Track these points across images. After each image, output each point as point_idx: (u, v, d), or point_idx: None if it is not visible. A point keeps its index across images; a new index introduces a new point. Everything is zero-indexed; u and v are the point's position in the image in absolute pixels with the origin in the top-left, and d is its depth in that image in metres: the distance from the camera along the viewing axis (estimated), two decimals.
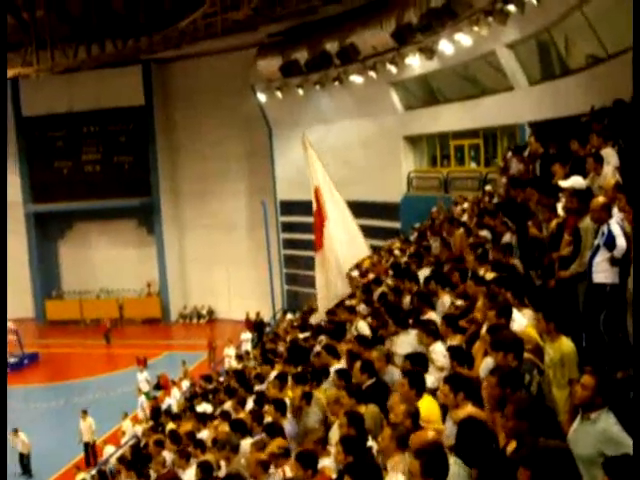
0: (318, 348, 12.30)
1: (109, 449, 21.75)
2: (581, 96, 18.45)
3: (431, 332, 8.63)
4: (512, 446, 5.20)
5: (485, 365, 7.09)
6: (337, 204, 15.75)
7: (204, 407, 16.57)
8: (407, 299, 11.69)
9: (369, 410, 7.59)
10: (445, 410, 6.84)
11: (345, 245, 15.06)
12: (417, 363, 7.92)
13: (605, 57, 17.92)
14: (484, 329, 7.60)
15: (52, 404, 28.83)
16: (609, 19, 17.29)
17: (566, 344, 6.74)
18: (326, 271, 15.19)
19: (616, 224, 7.28)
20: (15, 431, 22.32)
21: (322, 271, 15.27)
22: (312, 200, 15.53)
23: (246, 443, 9.17)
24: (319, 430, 7.98)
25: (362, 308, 13.55)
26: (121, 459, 16.46)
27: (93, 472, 19.61)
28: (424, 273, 12.58)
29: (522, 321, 7.80)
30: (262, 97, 35.00)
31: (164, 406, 22.94)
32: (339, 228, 15.29)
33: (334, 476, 6.91)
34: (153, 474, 12.26)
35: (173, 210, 42.64)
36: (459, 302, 10.18)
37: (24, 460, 22.46)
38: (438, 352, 8.30)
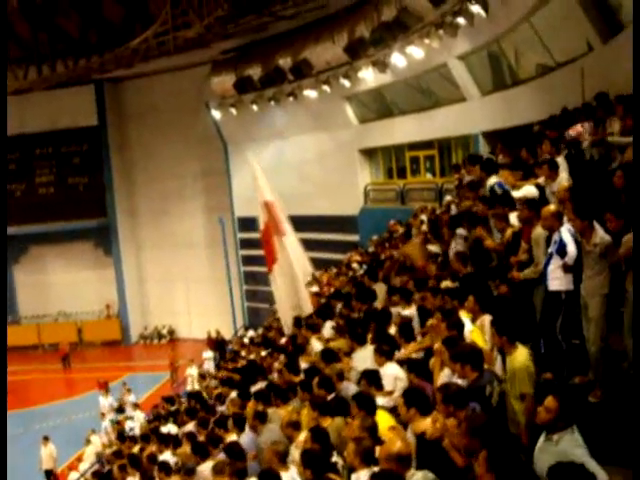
0: (277, 365, 12.22)
1: (73, 475, 21.37)
2: (532, 105, 18.71)
3: (383, 352, 8.44)
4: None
5: (443, 378, 7.11)
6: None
7: (169, 428, 16.35)
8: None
9: (335, 424, 7.52)
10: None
11: (300, 261, 15.21)
12: (372, 380, 7.90)
13: (554, 66, 18.22)
14: (437, 342, 7.62)
15: (11, 432, 28.12)
16: (556, 29, 17.60)
17: (517, 359, 6.69)
18: (284, 284, 15.28)
19: (567, 231, 7.36)
20: None
21: (279, 285, 15.37)
22: (261, 216, 15.70)
23: (206, 466, 9.00)
24: (280, 443, 7.87)
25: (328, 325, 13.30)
26: None
27: None
28: (380, 287, 12.57)
29: (468, 326, 7.89)
30: (216, 114, 34.86)
31: (127, 428, 22.65)
32: (295, 244, 15.43)
33: None
34: None
35: (130, 230, 42.17)
36: (406, 312, 10.22)
37: None
38: (389, 375, 8.14)
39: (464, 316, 8.15)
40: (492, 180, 10.98)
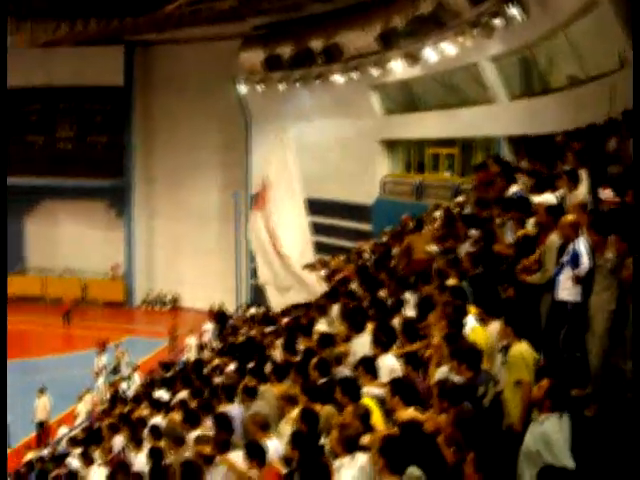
0: (278, 343, 12.26)
1: (63, 430, 21.53)
2: (559, 115, 18.63)
3: (380, 343, 8.39)
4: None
5: (439, 373, 7.16)
6: (295, 203, 16.11)
7: (160, 393, 16.43)
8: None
9: (325, 411, 7.56)
10: None
11: (293, 242, 15.37)
12: (369, 368, 7.93)
13: (584, 79, 18.12)
14: (436, 339, 7.67)
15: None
16: (591, 42, 17.48)
17: (515, 348, 6.81)
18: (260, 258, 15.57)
19: (582, 243, 7.36)
20: None
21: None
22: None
23: (195, 434, 9.07)
24: (259, 414, 7.97)
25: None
26: (72, 440, 16.38)
27: (45, 452, 19.40)
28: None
29: (471, 323, 7.94)
30: (242, 89, 34.80)
31: (120, 390, 22.81)
32: (287, 226, 15.60)
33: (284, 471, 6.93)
34: (97, 457, 12.24)
35: (145, 195, 42.24)
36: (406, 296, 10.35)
37: None
38: (384, 367, 8.06)
39: (471, 314, 8.17)
40: (512, 189, 11.07)
